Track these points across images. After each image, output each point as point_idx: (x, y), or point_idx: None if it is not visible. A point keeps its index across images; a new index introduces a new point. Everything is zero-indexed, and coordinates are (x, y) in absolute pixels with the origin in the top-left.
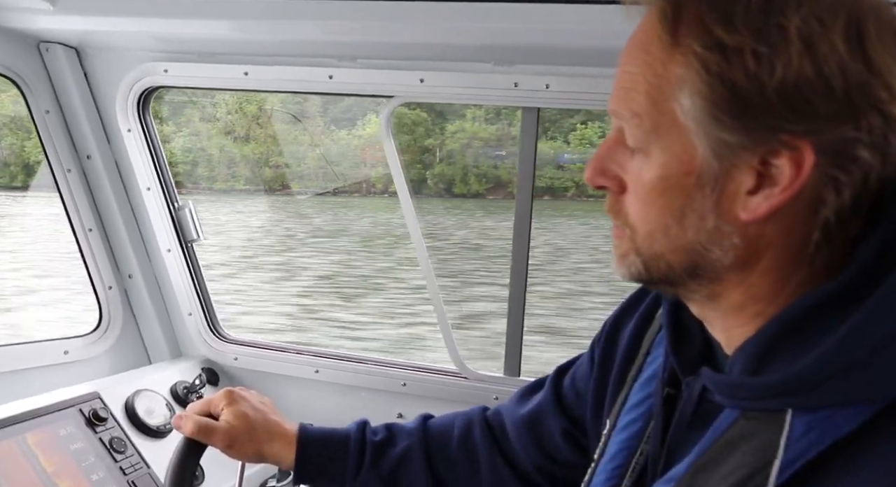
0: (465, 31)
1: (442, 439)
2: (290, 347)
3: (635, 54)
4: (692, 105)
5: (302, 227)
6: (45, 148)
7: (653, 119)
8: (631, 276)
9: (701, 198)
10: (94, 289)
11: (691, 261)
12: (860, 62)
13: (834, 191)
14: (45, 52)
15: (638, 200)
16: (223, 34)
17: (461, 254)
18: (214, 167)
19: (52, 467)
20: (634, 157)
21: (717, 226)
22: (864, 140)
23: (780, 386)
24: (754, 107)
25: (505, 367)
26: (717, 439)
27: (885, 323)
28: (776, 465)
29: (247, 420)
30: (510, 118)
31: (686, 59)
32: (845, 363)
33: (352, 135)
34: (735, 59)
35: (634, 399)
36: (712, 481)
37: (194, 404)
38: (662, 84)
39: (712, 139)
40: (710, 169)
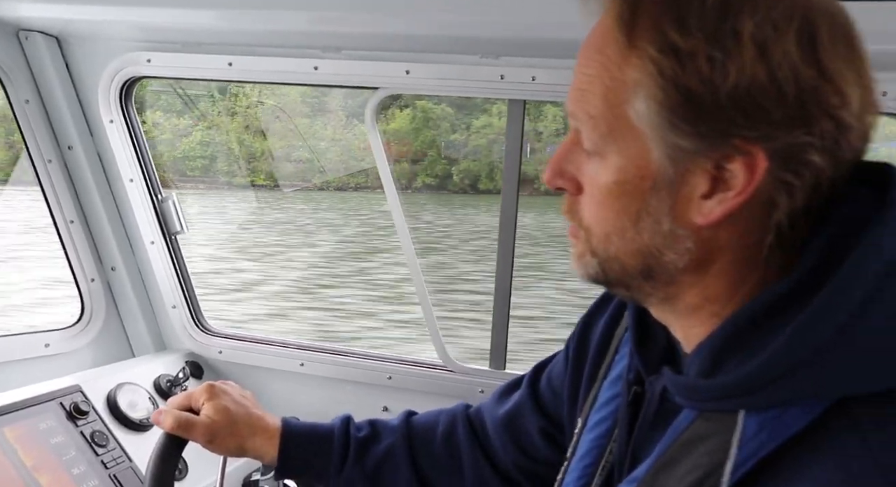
0: (451, 23)
1: (426, 436)
2: (275, 340)
3: (592, 56)
4: (647, 109)
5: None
6: (25, 138)
7: (608, 122)
8: (588, 277)
9: (656, 202)
10: (76, 282)
11: (646, 264)
12: (813, 68)
13: (786, 195)
14: (25, 41)
15: (594, 203)
16: (207, 24)
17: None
18: (234, 161)
19: (32, 461)
20: (591, 160)
21: (671, 229)
22: (816, 145)
23: (731, 387)
24: (708, 112)
25: (490, 361)
26: (675, 439)
27: (829, 322)
28: (729, 465)
29: (228, 414)
30: (534, 114)
31: (641, 62)
32: (792, 363)
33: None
34: (689, 63)
35: (604, 397)
36: (671, 482)
37: (174, 398)
38: (618, 87)
39: (667, 144)
40: (665, 173)
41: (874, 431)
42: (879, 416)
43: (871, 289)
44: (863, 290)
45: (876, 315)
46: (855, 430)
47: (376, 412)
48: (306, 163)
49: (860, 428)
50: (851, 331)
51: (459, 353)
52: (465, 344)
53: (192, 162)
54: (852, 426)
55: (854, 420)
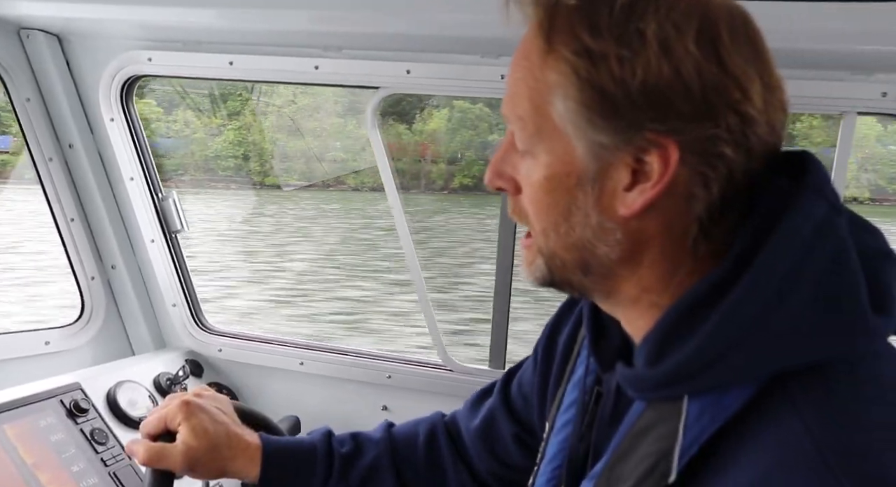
0: (452, 23)
1: (408, 447)
2: (275, 339)
3: (519, 61)
4: (566, 109)
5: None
6: (26, 136)
7: (535, 123)
8: (536, 280)
9: (583, 196)
10: (77, 280)
11: (582, 258)
12: (714, 65)
13: (703, 186)
14: (26, 39)
15: (530, 200)
16: (208, 22)
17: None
18: (266, 161)
19: (32, 459)
20: (524, 159)
21: (600, 222)
22: (725, 137)
23: (671, 374)
24: (621, 108)
25: (490, 360)
26: (628, 431)
27: (753, 303)
28: (677, 450)
29: (207, 437)
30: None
31: (558, 64)
32: (723, 345)
33: (412, 131)
34: (601, 63)
35: (568, 399)
36: (626, 472)
37: (148, 422)
38: (540, 89)
39: (587, 140)
40: (588, 168)
41: (808, 407)
42: (812, 392)
43: (789, 271)
44: (783, 270)
45: (794, 295)
46: (791, 408)
47: (376, 411)
48: (340, 163)
49: (795, 406)
50: (775, 310)
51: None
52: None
53: (225, 161)
54: (788, 404)
55: (789, 398)
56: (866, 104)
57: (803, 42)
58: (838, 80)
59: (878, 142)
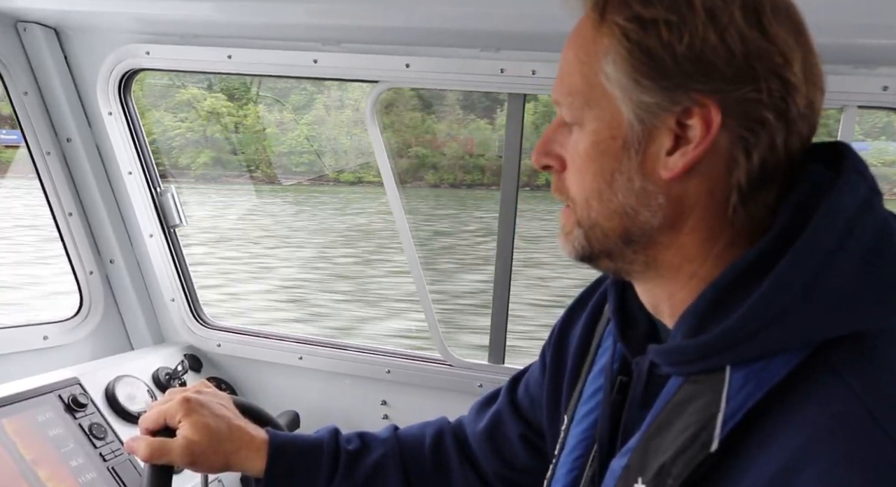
0: (451, 16)
1: (415, 448)
2: (274, 334)
3: (572, 40)
4: (615, 71)
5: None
6: (24, 130)
7: (585, 94)
8: (574, 252)
9: (627, 160)
10: (75, 274)
11: (623, 226)
12: (757, 31)
13: (744, 153)
14: (23, 32)
15: (576, 171)
16: (206, 16)
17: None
18: (341, 156)
19: (31, 454)
20: (572, 133)
21: (643, 186)
22: (766, 102)
23: (715, 342)
24: (668, 70)
25: (489, 355)
26: (664, 406)
27: (801, 274)
28: (720, 418)
29: (209, 431)
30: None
31: (611, 30)
32: (770, 314)
33: (495, 127)
34: (651, 28)
35: (589, 390)
36: (664, 444)
37: (147, 416)
38: (592, 59)
39: (634, 102)
40: (633, 131)
41: (851, 374)
42: (853, 360)
43: (835, 245)
44: (827, 245)
45: (839, 267)
46: (834, 375)
47: (375, 406)
48: (418, 159)
49: (838, 373)
50: (821, 281)
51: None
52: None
53: (299, 157)
54: (830, 371)
55: (831, 366)
56: (867, 98)
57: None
58: (839, 74)
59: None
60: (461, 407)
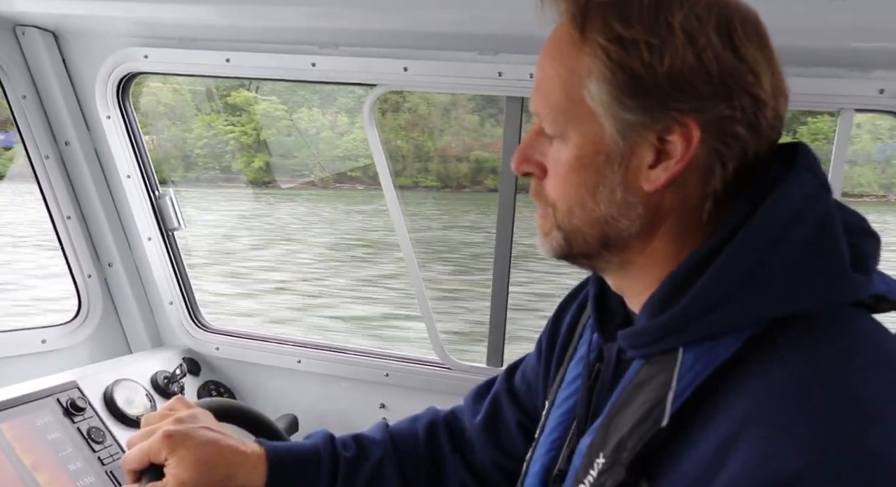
0: (449, 20)
1: (410, 447)
2: (272, 337)
3: (551, 55)
4: (598, 90)
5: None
6: (22, 134)
7: (567, 109)
8: (553, 251)
9: (610, 173)
10: (73, 277)
11: (604, 233)
12: (730, 52)
13: (720, 164)
14: (22, 36)
15: (558, 180)
16: (205, 19)
17: None
18: (398, 161)
19: (30, 459)
20: (553, 144)
21: (624, 197)
22: (739, 117)
23: (668, 324)
24: (649, 89)
25: (487, 357)
26: (626, 386)
27: (744, 260)
28: (670, 396)
29: (198, 464)
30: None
31: (593, 50)
32: (715, 297)
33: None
34: (632, 49)
35: (570, 376)
36: (623, 422)
37: (130, 457)
38: (573, 76)
39: (617, 120)
40: (616, 147)
41: (793, 352)
42: (795, 338)
43: (779, 233)
44: (771, 234)
45: (782, 253)
46: (778, 353)
47: (373, 409)
48: (477, 164)
49: (781, 352)
50: (764, 265)
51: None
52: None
53: (354, 161)
54: (774, 350)
55: (775, 345)
56: (864, 101)
57: (801, 39)
58: (836, 77)
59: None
60: None
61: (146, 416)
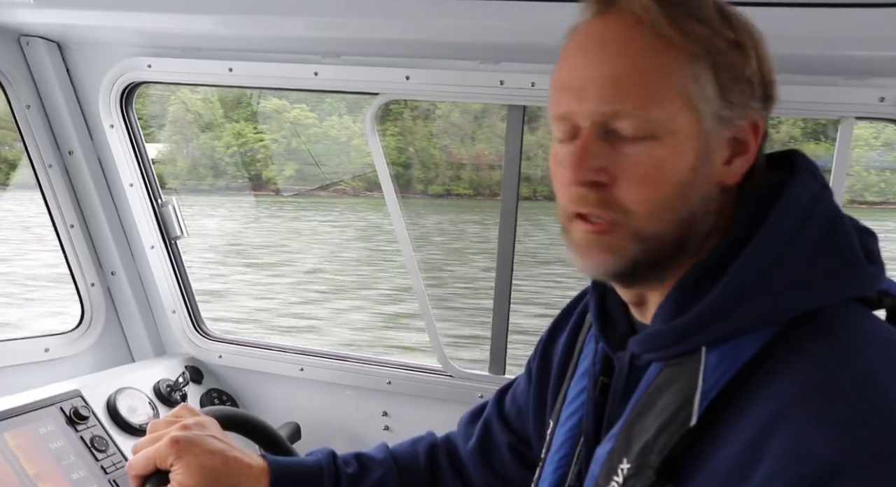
0: (451, 29)
1: (411, 466)
2: (275, 345)
3: (632, 51)
4: (703, 84)
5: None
6: (26, 143)
7: (663, 105)
8: (621, 266)
9: (702, 169)
10: (76, 286)
11: (686, 235)
12: (768, 65)
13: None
14: (26, 46)
15: (643, 184)
16: (208, 29)
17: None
18: (430, 169)
19: (34, 469)
20: (634, 146)
21: (709, 193)
22: (765, 117)
23: (690, 324)
24: (739, 87)
25: (490, 366)
26: (645, 391)
27: (765, 257)
28: (697, 396)
29: (204, 472)
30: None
31: (692, 43)
32: (737, 295)
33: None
34: (733, 47)
35: (573, 392)
36: (646, 425)
37: (136, 462)
38: (670, 71)
39: (713, 114)
40: (709, 143)
41: (815, 347)
42: (814, 334)
43: (792, 230)
44: (786, 231)
45: (797, 250)
46: (800, 349)
47: (376, 417)
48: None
49: (803, 347)
50: (781, 263)
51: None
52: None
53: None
54: (796, 346)
55: (796, 341)
56: (864, 109)
57: (801, 47)
58: (836, 85)
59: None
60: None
61: (152, 422)
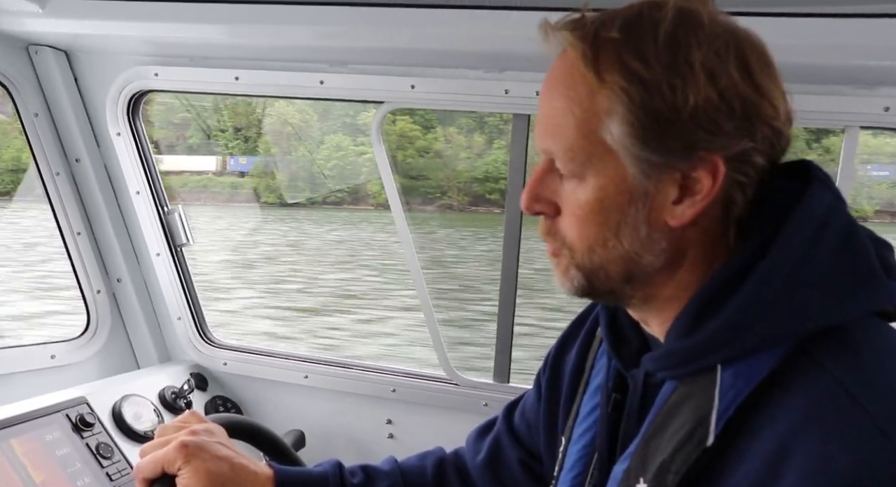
0: (456, 38)
1: (419, 480)
2: (280, 352)
3: (560, 91)
4: (621, 132)
5: None
6: (34, 150)
7: (585, 149)
8: (574, 290)
9: (634, 212)
10: (82, 293)
11: (627, 270)
12: (751, 87)
13: (741, 193)
14: (35, 55)
15: (575, 220)
16: (214, 38)
17: None
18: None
19: (41, 476)
20: (567, 183)
21: (648, 234)
22: (759, 148)
23: (705, 342)
24: (674, 130)
25: (494, 374)
26: (661, 409)
27: (780, 272)
28: (714, 415)
29: (211, 477)
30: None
31: (612, 92)
32: (753, 312)
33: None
34: (654, 90)
35: (585, 409)
36: (662, 444)
37: (144, 465)
38: (590, 117)
39: (641, 161)
40: (640, 186)
41: (831, 362)
42: (832, 349)
43: (809, 243)
44: (802, 244)
45: (814, 264)
46: (817, 365)
47: (380, 424)
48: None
49: (819, 363)
50: (798, 278)
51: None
52: None
53: (495, 183)
54: (812, 362)
55: (813, 357)
56: (869, 118)
57: (806, 56)
58: (841, 95)
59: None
60: (466, 427)
61: (161, 427)
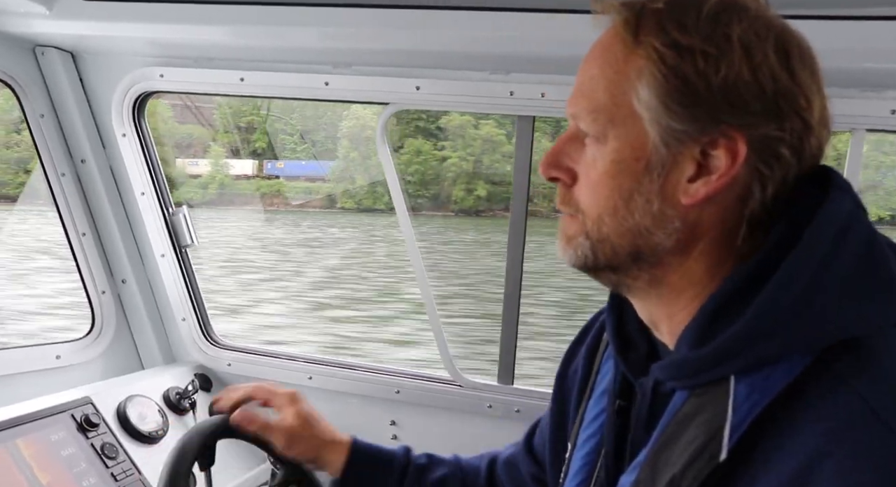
0: (461, 40)
1: (474, 474)
2: (284, 353)
3: (598, 55)
4: (648, 94)
5: None
6: (40, 151)
7: (611, 111)
8: (577, 260)
9: (648, 182)
10: (87, 294)
11: (635, 244)
12: (786, 72)
13: (760, 186)
14: (41, 56)
15: (590, 186)
16: (219, 40)
17: None
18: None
19: (47, 477)
20: (588, 148)
21: (661, 209)
22: (786, 139)
23: (718, 353)
24: (701, 98)
25: (498, 376)
26: (671, 420)
27: (799, 279)
28: (727, 429)
29: (307, 423)
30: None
31: (646, 52)
32: (769, 322)
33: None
34: (688, 56)
35: (591, 415)
36: (673, 458)
37: (258, 388)
38: (621, 78)
39: (662, 126)
40: (658, 155)
41: (854, 377)
42: (855, 363)
43: (828, 250)
44: (822, 251)
45: (834, 272)
46: (838, 379)
47: (384, 426)
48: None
49: (842, 378)
50: (817, 287)
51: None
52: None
53: (534, 188)
54: (835, 377)
55: (835, 372)
56: (875, 121)
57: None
58: (847, 98)
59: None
60: (470, 428)
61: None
